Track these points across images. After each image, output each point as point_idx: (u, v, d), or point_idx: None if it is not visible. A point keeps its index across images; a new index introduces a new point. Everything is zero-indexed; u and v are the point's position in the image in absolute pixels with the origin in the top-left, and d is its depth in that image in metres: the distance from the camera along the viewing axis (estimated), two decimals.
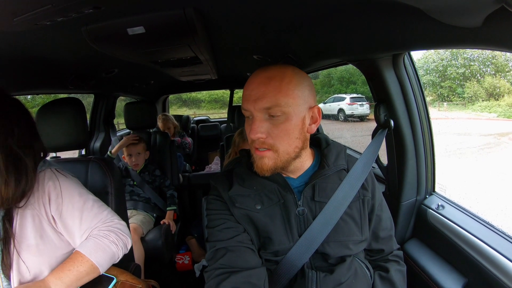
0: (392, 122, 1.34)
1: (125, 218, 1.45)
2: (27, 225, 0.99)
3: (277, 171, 0.92)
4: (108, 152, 2.56)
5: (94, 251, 1.03)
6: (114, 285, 1.07)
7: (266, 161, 0.89)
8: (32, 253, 0.98)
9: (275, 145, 0.88)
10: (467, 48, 0.83)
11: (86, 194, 1.12)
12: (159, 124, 3.82)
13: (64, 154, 1.48)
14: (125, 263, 1.27)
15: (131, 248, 1.46)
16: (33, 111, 1.15)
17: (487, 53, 9.05)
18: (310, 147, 1.04)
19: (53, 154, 1.46)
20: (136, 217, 2.35)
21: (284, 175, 0.99)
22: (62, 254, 1.05)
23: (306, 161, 1.00)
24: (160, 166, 2.73)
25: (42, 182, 1.03)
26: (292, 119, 0.87)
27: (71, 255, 1.03)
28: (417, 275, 1.29)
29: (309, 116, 0.92)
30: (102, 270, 1.05)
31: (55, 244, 1.03)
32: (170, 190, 2.63)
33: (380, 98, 1.38)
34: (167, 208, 2.55)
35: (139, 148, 2.52)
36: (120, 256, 1.11)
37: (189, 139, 4.05)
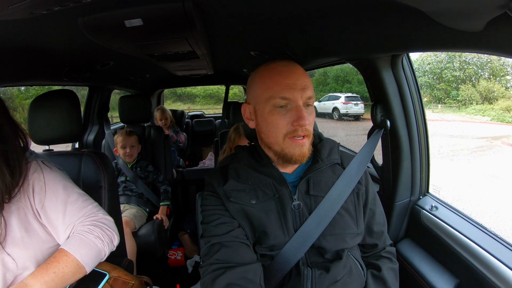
0: (388, 123, 1.34)
1: (118, 213, 1.44)
2: (12, 217, 0.96)
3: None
4: None
5: (79, 248, 0.98)
6: (107, 281, 1.06)
7: (305, 148, 0.94)
8: (18, 246, 0.95)
9: (311, 132, 0.95)
10: (466, 52, 0.83)
11: (71, 187, 1.09)
12: (157, 114, 3.82)
13: (57, 147, 1.46)
14: (118, 258, 1.26)
15: (124, 243, 1.44)
16: (27, 103, 1.14)
17: (484, 57, 9.14)
18: None
19: (46, 147, 1.44)
20: (129, 211, 2.33)
21: (280, 170, 0.99)
22: (48, 248, 1.03)
23: None
24: (154, 161, 2.72)
25: (27, 173, 1.01)
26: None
27: (55, 254, 0.98)
28: (410, 275, 1.29)
29: None
30: (88, 269, 1.00)
31: (41, 238, 1.01)
32: (163, 185, 2.62)
33: (377, 98, 1.38)
34: (161, 204, 2.54)
35: (133, 140, 2.52)
36: (107, 253, 1.07)
37: (183, 136, 4.03)
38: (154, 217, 2.43)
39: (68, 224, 1.03)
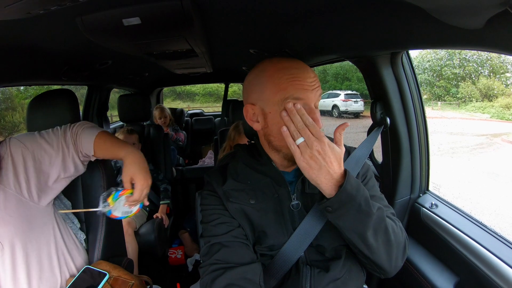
0: (388, 120, 1.34)
1: None
2: None
3: None
4: None
5: (94, 130, 1.19)
6: (107, 280, 1.06)
7: None
8: None
9: None
10: (466, 49, 0.83)
11: (40, 132, 1.16)
12: (156, 113, 3.81)
13: None
14: (118, 258, 1.26)
15: (124, 242, 1.45)
16: (26, 103, 1.14)
17: (484, 54, 9.12)
18: None
19: None
20: None
21: (280, 169, 0.99)
22: (27, 224, 1.05)
23: None
24: (154, 160, 2.71)
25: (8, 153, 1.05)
26: None
27: (96, 141, 1.15)
28: (410, 273, 1.29)
29: None
30: None
31: (21, 214, 1.04)
32: (163, 184, 2.61)
33: (377, 95, 1.38)
34: (161, 202, 2.53)
35: (134, 139, 2.50)
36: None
37: (182, 134, 4.02)
38: (154, 216, 2.42)
39: (57, 146, 1.13)
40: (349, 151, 1.07)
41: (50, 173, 1.11)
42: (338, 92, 12.97)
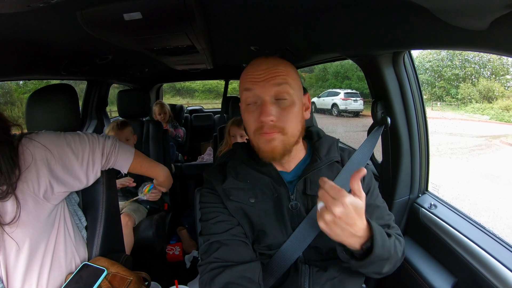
0: (389, 120, 1.33)
1: (116, 209, 1.43)
2: (7, 200, 0.96)
3: (285, 154, 0.92)
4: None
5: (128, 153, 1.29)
6: (105, 277, 1.06)
7: (277, 143, 0.89)
8: (16, 225, 0.96)
9: (285, 127, 0.88)
10: (469, 51, 0.82)
11: (62, 134, 1.14)
12: (155, 108, 3.80)
13: None
14: (116, 254, 1.26)
15: (122, 238, 1.44)
16: (25, 97, 1.12)
17: (485, 56, 9.10)
18: (302, 139, 1.04)
19: None
20: (129, 206, 2.32)
21: (278, 169, 0.98)
22: (42, 226, 1.03)
23: (300, 151, 1.00)
24: (152, 156, 2.70)
25: (24, 152, 1.02)
26: (296, 103, 0.90)
27: (135, 160, 1.30)
28: (408, 273, 1.30)
29: (304, 102, 0.95)
30: None
31: (37, 214, 1.01)
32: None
33: (378, 95, 1.37)
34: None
35: (126, 133, 2.37)
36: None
37: (181, 131, 4.01)
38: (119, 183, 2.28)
39: (81, 155, 1.12)
40: (342, 162, 1.05)
41: (66, 183, 1.09)
42: (338, 90, 12.98)
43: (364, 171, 0.77)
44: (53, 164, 1.04)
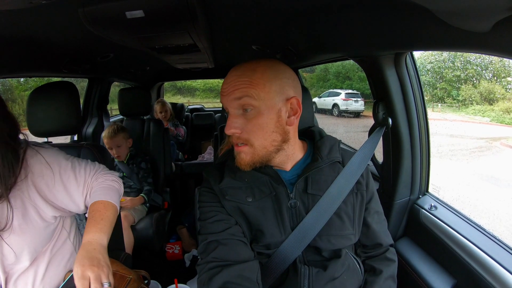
0: (390, 120, 1.33)
1: None
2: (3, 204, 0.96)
3: (256, 165, 0.92)
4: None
5: (106, 194, 1.08)
6: None
7: (243, 156, 0.90)
8: (15, 233, 0.95)
9: (250, 139, 0.88)
10: (472, 53, 0.82)
11: (70, 157, 1.13)
12: (157, 107, 3.80)
13: (56, 140, 1.44)
14: (116, 252, 1.26)
15: (122, 237, 1.44)
16: (25, 95, 1.12)
17: (487, 57, 9.08)
18: (303, 139, 1.04)
19: (45, 139, 1.43)
20: None
21: (276, 168, 0.98)
22: (42, 234, 1.03)
23: (294, 153, 0.99)
24: (153, 154, 2.70)
25: (25, 160, 1.01)
26: (263, 113, 0.87)
27: (91, 207, 1.05)
28: (407, 274, 1.30)
29: (287, 108, 0.90)
30: (118, 207, 1.12)
31: (37, 223, 1.01)
32: (148, 186, 2.48)
33: (379, 96, 1.37)
34: (141, 194, 2.40)
35: (118, 140, 2.37)
36: (122, 192, 1.18)
37: (182, 130, 4.01)
38: (122, 202, 2.26)
39: (82, 183, 1.09)
40: (343, 162, 1.04)
41: (59, 203, 1.08)
42: (339, 91, 12.97)
43: None
44: (50, 183, 1.03)
